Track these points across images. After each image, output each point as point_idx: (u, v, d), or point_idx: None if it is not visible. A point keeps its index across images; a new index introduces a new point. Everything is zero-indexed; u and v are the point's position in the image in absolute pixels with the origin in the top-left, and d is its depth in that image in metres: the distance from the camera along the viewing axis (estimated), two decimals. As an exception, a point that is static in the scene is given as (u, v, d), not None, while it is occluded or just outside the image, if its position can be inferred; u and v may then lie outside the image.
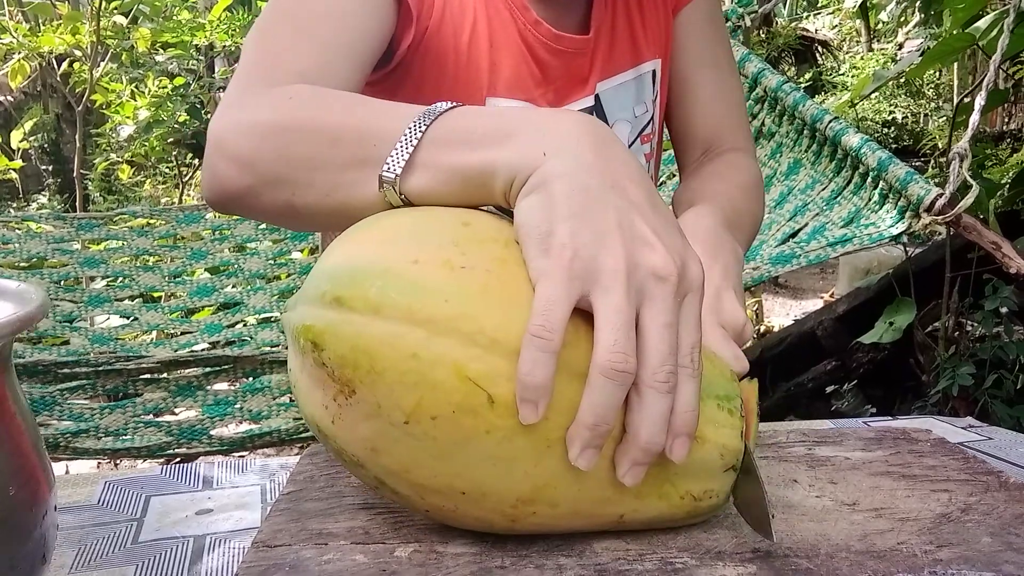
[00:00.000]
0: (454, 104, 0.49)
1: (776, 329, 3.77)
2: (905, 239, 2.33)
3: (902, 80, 7.20)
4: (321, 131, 0.54)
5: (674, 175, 2.08)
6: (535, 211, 0.42)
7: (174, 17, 3.87)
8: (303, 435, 1.70)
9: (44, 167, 7.05)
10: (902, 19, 7.08)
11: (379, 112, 0.53)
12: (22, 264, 2.15)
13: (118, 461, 2.58)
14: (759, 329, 3.95)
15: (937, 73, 7.40)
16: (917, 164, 5.74)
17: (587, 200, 0.41)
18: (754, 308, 3.95)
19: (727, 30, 0.96)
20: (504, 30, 0.77)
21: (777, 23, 8.74)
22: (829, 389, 2.67)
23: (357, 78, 0.67)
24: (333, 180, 0.52)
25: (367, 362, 0.40)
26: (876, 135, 7.62)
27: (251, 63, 0.65)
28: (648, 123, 0.88)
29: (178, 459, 1.93)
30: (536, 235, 0.41)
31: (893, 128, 7.99)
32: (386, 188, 0.48)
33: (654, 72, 0.87)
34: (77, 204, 3.63)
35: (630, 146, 0.87)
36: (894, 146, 7.41)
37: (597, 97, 0.83)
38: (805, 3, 9.50)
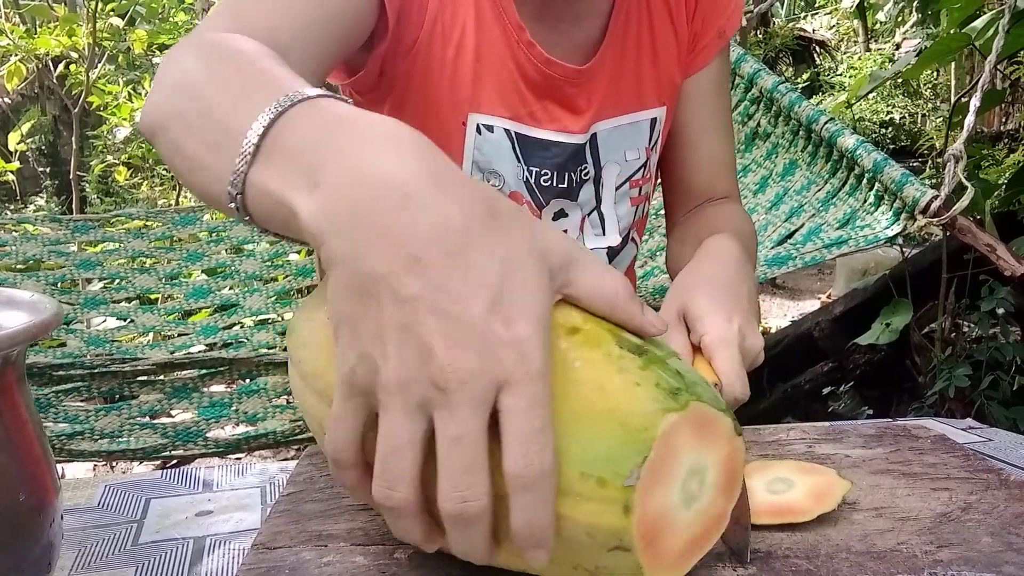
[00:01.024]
0: (302, 97, 0.43)
1: (773, 330, 3.77)
2: (901, 241, 2.34)
3: (899, 80, 7.21)
4: (204, 97, 0.49)
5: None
6: (328, 301, 0.37)
7: (171, 19, 3.88)
8: (299, 437, 1.69)
9: (41, 169, 7.06)
10: (899, 19, 7.11)
11: (247, 92, 0.46)
12: (19, 266, 2.14)
13: (114, 463, 2.58)
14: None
15: (934, 73, 7.43)
16: (915, 164, 5.76)
17: (362, 297, 0.35)
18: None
19: (729, 87, 0.98)
20: (493, 45, 0.76)
21: (775, 23, 8.77)
22: (826, 390, 2.67)
23: (327, 54, 0.66)
24: (192, 157, 0.48)
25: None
26: (873, 135, 7.64)
27: (229, 4, 0.62)
28: (640, 168, 0.87)
29: (174, 461, 1.93)
30: (332, 331, 0.37)
31: (891, 128, 8.01)
32: (232, 206, 0.44)
33: (654, 119, 0.86)
34: (74, 206, 3.63)
35: (618, 189, 0.86)
36: (891, 146, 7.44)
37: (594, 136, 0.82)
38: (803, 3, 9.53)
